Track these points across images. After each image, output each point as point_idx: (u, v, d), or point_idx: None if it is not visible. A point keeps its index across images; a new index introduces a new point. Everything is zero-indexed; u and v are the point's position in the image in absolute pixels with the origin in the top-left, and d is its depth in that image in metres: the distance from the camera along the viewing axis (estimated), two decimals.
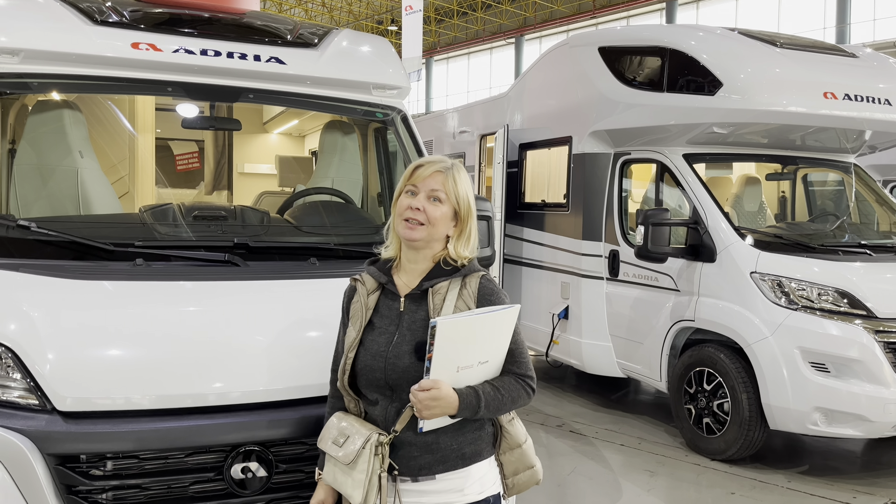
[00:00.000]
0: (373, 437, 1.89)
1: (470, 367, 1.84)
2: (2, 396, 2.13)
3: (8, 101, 3.33)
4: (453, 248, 2.00)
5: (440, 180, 1.97)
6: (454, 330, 1.76)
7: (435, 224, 1.96)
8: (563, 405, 6.58)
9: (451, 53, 36.18)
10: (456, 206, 1.99)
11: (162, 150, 5.40)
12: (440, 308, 1.93)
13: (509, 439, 2.09)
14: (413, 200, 1.96)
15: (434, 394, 1.78)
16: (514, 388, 1.95)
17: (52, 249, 2.57)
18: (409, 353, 1.92)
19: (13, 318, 2.20)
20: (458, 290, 1.97)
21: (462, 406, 1.83)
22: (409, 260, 2.02)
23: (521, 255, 7.27)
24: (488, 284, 2.01)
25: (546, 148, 7.02)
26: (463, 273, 1.99)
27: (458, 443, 1.94)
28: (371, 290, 2.04)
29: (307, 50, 3.52)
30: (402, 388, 1.91)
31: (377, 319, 2.01)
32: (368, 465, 1.86)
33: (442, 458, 1.92)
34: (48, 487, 2.02)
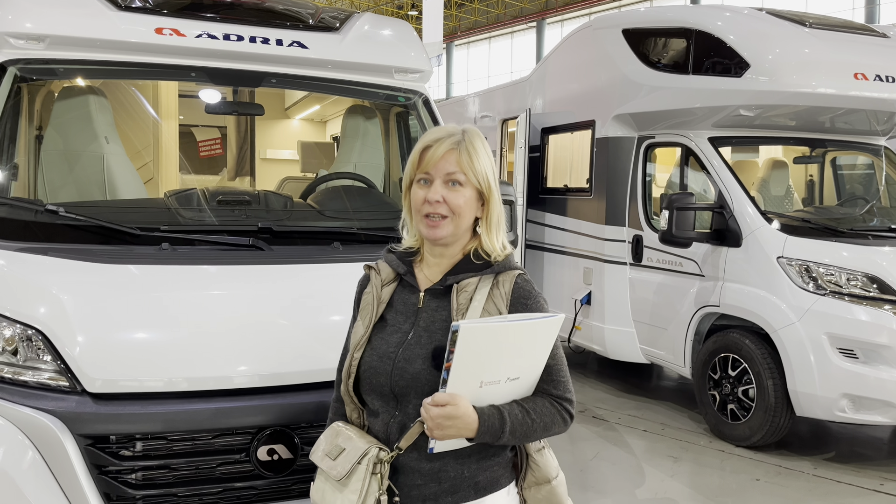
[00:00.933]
0: (371, 451, 1.60)
1: (496, 384, 1.54)
2: (33, 378, 2.16)
3: (34, 87, 3.37)
4: (486, 238, 1.70)
5: (454, 159, 1.64)
6: (481, 338, 1.48)
7: (460, 213, 1.65)
8: (586, 391, 6.56)
9: (471, 38, 35.95)
10: (478, 185, 1.66)
11: (185, 136, 5.43)
12: (465, 309, 1.63)
13: (537, 472, 1.73)
14: (429, 192, 1.64)
15: (450, 411, 1.48)
16: (549, 412, 1.63)
17: (80, 234, 2.60)
18: (422, 358, 1.62)
19: (43, 301, 2.23)
20: (488, 289, 1.66)
21: (482, 429, 1.52)
22: (434, 254, 1.73)
23: (543, 240, 7.24)
24: (525, 286, 1.69)
25: (569, 132, 6.97)
26: (496, 270, 1.68)
27: (470, 470, 1.62)
28: (386, 280, 1.75)
29: (329, 34, 3.51)
30: (408, 398, 1.62)
31: (390, 315, 1.72)
32: (363, 485, 1.57)
33: (451, 488, 1.60)
34: (79, 467, 2.05)
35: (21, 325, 2.19)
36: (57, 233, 2.58)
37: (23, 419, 2.07)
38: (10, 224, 2.59)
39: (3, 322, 2.20)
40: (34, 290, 2.28)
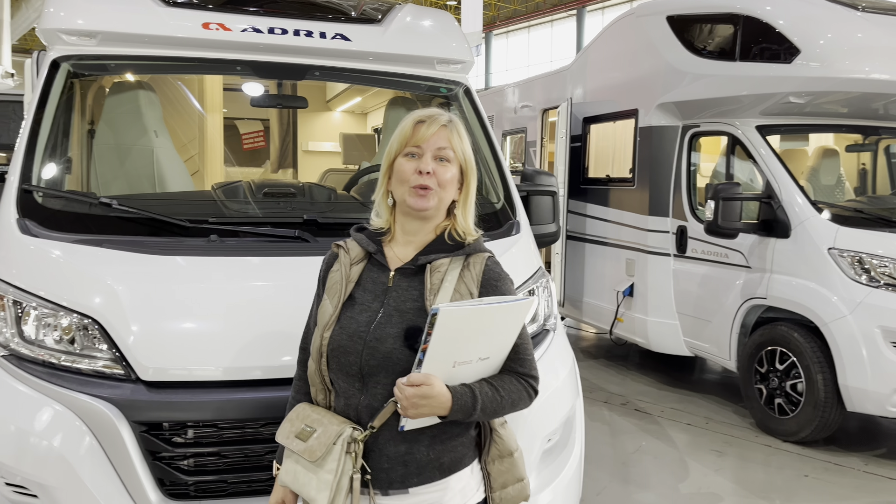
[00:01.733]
0: (346, 431, 1.60)
1: (468, 363, 1.59)
2: (88, 366, 2.23)
3: (86, 82, 3.45)
4: (461, 219, 1.74)
5: (446, 136, 1.69)
6: (459, 320, 1.51)
7: (446, 188, 1.69)
8: (627, 383, 6.50)
9: (510, 27, 35.70)
10: (463, 164, 1.72)
11: (229, 129, 5.52)
12: (437, 289, 1.65)
13: (500, 445, 1.77)
14: (420, 163, 1.66)
15: (425, 390, 1.51)
16: (516, 389, 1.67)
17: (131, 225, 2.65)
18: (393, 337, 1.63)
19: (98, 291, 2.29)
20: (458, 270, 1.69)
21: (455, 407, 1.55)
22: (408, 231, 1.74)
23: (585, 231, 7.17)
24: (495, 268, 1.74)
25: (611, 121, 6.88)
26: (467, 251, 1.72)
27: (436, 452, 1.65)
28: (355, 259, 1.75)
29: (371, 26, 3.53)
30: (377, 378, 1.63)
31: (359, 294, 1.71)
32: (338, 465, 1.57)
33: (416, 469, 1.64)
34: (135, 453, 2.11)
35: (78, 314, 2.26)
36: (110, 225, 2.64)
37: (80, 406, 2.13)
38: (65, 216, 2.66)
39: (61, 311, 2.27)
40: (90, 280, 2.34)
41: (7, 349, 2.28)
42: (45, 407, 2.15)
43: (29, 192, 2.67)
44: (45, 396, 2.17)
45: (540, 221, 3.48)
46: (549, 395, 2.65)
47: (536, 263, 3.02)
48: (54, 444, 2.10)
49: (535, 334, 2.78)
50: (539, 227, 3.45)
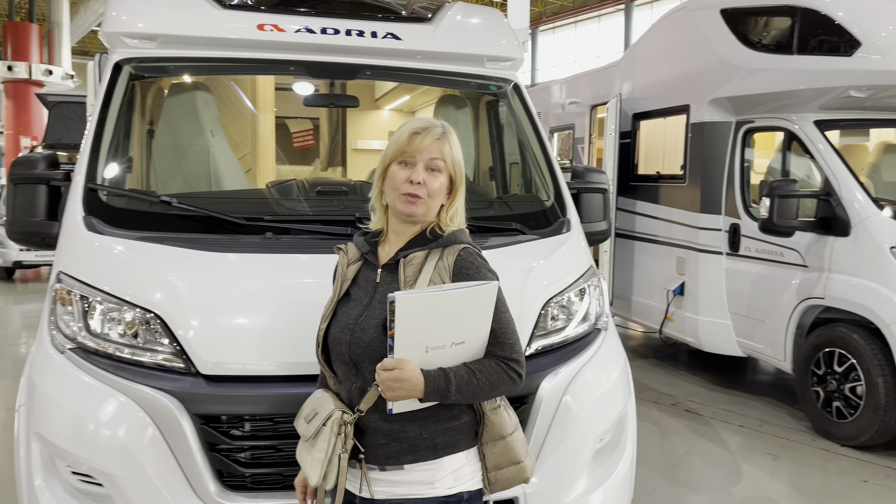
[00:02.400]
0: (336, 414, 1.75)
1: (442, 348, 1.65)
2: (151, 359, 2.30)
3: (146, 84, 3.54)
4: (445, 217, 1.85)
5: (438, 148, 1.80)
6: (416, 306, 1.59)
7: (434, 197, 1.80)
8: (677, 383, 6.40)
9: (557, 23, 35.34)
10: (452, 173, 1.83)
11: (279, 127, 5.60)
12: (413, 281, 1.77)
13: (491, 429, 1.85)
14: (413, 173, 1.77)
15: (397, 374, 1.62)
16: (495, 372, 1.74)
17: (190, 223, 2.72)
18: (374, 327, 1.76)
19: (160, 287, 2.36)
20: (435, 262, 1.79)
21: (429, 389, 1.64)
22: (396, 231, 1.87)
23: (634, 228, 7.08)
24: (467, 258, 1.80)
25: (661, 117, 6.77)
26: (442, 243, 1.82)
27: (428, 432, 1.75)
28: (352, 259, 1.91)
29: (422, 24, 3.54)
30: (365, 364, 1.76)
31: (354, 291, 1.86)
32: (329, 444, 1.72)
33: (410, 447, 1.74)
34: (195, 445, 2.17)
35: (141, 309, 2.33)
36: (169, 222, 2.71)
37: (143, 397, 2.20)
38: (127, 214, 2.75)
39: (125, 306, 2.35)
40: (152, 276, 2.41)
41: (74, 342, 2.37)
42: (111, 398, 2.22)
43: (94, 190, 2.76)
44: (110, 388, 2.24)
45: (590, 219, 3.45)
46: (601, 394, 2.64)
47: (587, 262, 3.00)
48: (119, 434, 2.17)
49: (586, 333, 2.77)
50: (590, 225, 3.42)
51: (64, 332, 2.40)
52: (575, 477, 2.51)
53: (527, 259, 2.78)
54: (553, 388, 2.48)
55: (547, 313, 2.65)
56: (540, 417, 2.44)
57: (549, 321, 2.66)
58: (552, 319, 2.68)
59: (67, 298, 2.43)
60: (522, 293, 2.58)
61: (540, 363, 2.53)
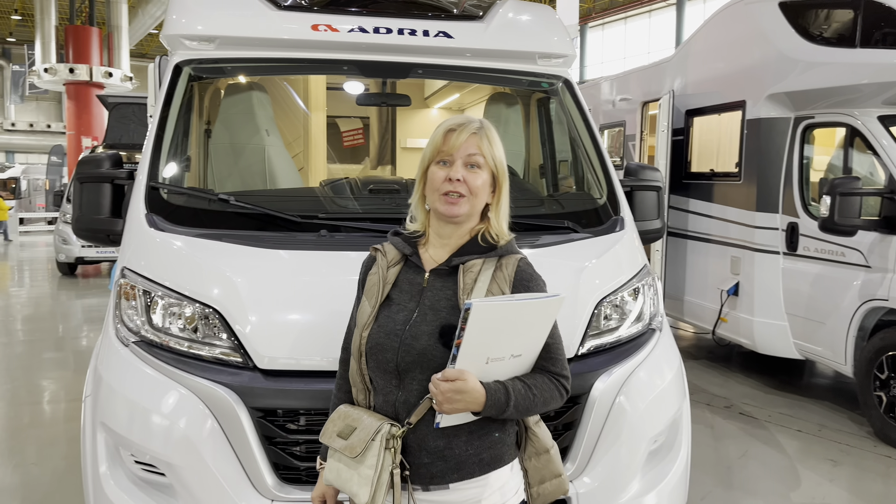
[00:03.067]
0: (384, 427, 1.64)
1: (501, 360, 1.60)
2: (209, 353, 2.35)
3: (204, 84, 3.63)
4: (495, 222, 1.78)
5: (476, 143, 1.72)
6: (491, 315, 1.53)
7: (477, 194, 1.72)
8: (731, 385, 6.26)
9: (606, 19, 34.90)
10: (494, 170, 1.75)
11: (330, 127, 5.68)
12: (471, 289, 1.69)
13: (536, 443, 1.81)
14: (451, 171, 1.71)
15: (459, 385, 1.53)
16: (548, 388, 1.69)
17: (246, 220, 2.77)
18: (428, 335, 1.67)
19: (219, 283, 2.41)
20: (491, 271, 1.73)
21: (489, 403, 1.58)
22: (442, 235, 1.78)
23: (687, 227, 6.95)
24: (527, 269, 1.77)
25: (716, 114, 6.62)
26: (499, 253, 1.76)
27: (474, 447, 1.67)
28: (392, 261, 1.81)
29: (473, 22, 3.54)
30: (413, 374, 1.67)
31: (396, 295, 1.76)
32: (378, 460, 1.61)
33: (456, 465, 1.65)
34: (252, 437, 2.21)
35: (200, 304, 2.39)
36: (227, 220, 2.78)
37: (203, 390, 2.25)
38: (187, 212, 2.82)
39: (185, 301, 2.41)
40: (210, 272, 2.47)
41: (138, 335, 2.44)
42: (172, 390, 2.28)
43: (156, 188, 2.84)
44: (172, 380, 2.30)
45: (644, 217, 3.40)
46: (655, 395, 2.60)
47: (641, 261, 2.96)
48: (180, 425, 2.23)
49: (640, 333, 2.73)
50: (643, 224, 3.37)
51: (128, 326, 2.48)
52: (629, 478, 2.48)
53: (579, 258, 2.76)
54: (606, 389, 2.45)
55: (600, 313, 2.62)
56: (593, 417, 2.42)
57: (602, 321, 2.63)
58: (605, 319, 2.65)
59: (131, 293, 2.51)
60: (575, 292, 2.56)
61: (593, 363, 2.51)
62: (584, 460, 2.42)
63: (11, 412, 5.45)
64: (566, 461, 2.42)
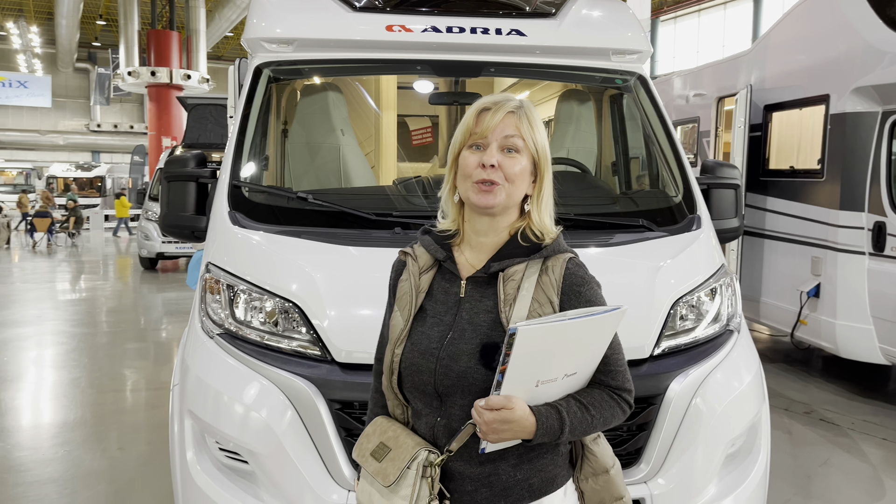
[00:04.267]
0: (421, 454, 1.46)
1: (553, 381, 1.42)
2: (289, 346, 2.43)
3: (282, 86, 3.74)
4: (536, 216, 1.53)
5: (513, 123, 1.48)
6: (539, 339, 1.34)
7: (514, 182, 1.49)
8: (811, 391, 6.03)
9: (679, 12, 34.03)
10: (535, 155, 1.51)
11: (400, 126, 5.75)
12: (513, 299, 1.48)
13: (594, 463, 1.60)
14: (484, 156, 1.48)
15: (505, 415, 1.35)
16: (608, 405, 1.48)
17: (322, 218, 2.85)
18: (467, 355, 1.47)
19: (299, 278, 2.49)
20: (536, 275, 1.50)
21: (540, 431, 1.39)
22: (478, 232, 1.55)
23: (764, 226, 6.73)
24: (577, 271, 1.52)
25: (796, 108, 6.38)
26: (544, 254, 1.51)
27: (523, 472, 1.48)
28: (424, 267, 1.60)
29: (546, 20, 3.53)
30: (453, 398, 1.48)
31: (430, 306, 1.56)
32: (414, 490, 1.44)
33: (503, 492, 1.47)
34: (330, 428, 2.27)
35: (280, 298, 2.46)
36: (304, 217, 2.86)
37: (283, 382, 2.33)
38: (267, 209, 2.92)
39: (265, 296, 2.50)
40: (290, 267, 2.54)
41: (222, 328, 2.54)
42: (254, 381, 2.36)
43: (238, 187, 2.95)
44: (254, 371, 2.39)
45: (721, 216, 3.32)
46: (733, 398, 2.54)
47: (719, 260, 2.89)
48: (262, 415, 2.31)
49: (717, 334, 2.67)
50: (720, 223, 3.29)
51: (212, 319, 2.59)
52: (705, 482, 2.43)
53: (654, 257, 2.72)
54: (682, 390, 2.41)
55: (676, 313, 2.58)
56: (668, 419, 2.38)
57: (678, 321, 2.58)
58: (681, 319, 2.61)
59: (215, 287, 2.61)
60: (650, 292, 2.52)
61: (668, 364, 2.47)
62: (658, 462, 2.38)
63: (98, 399, 5.75)
64: (640, 462, 2.39)
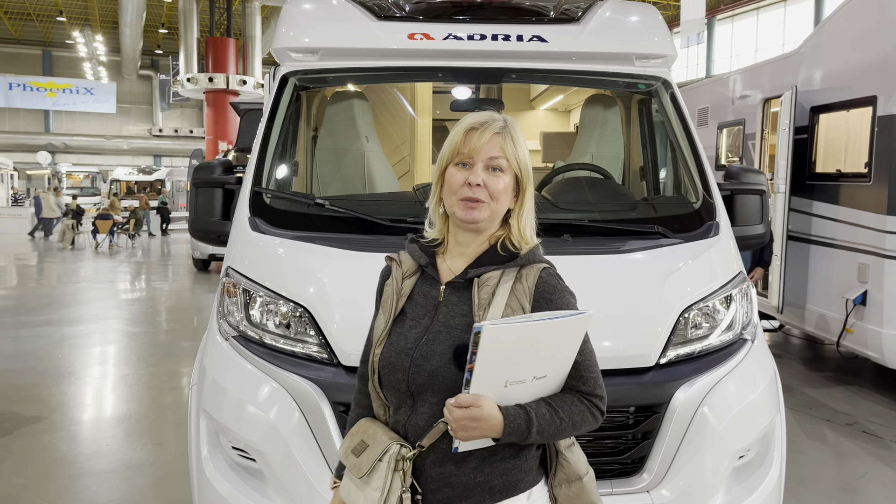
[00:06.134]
0: (392, 447, 1.54)
1: (522, 383, 1.46)
2: (301, 350, 2.49)
3: (310, 94, 3.83)
4: (516, 228, 1.62)
5: (499, 144, 1.57)
6: (504, 338, 1.40)
7: (498, 199, 1.57)
8: (857, 402, 5.83)
9: (736, 10, 33.21)
10: (518, 173, 1.60)
11: (437, 130, 5.81)
12: (487, 304, 1.55)
13: (567, 469, 1.63)
14: (470, 175, 1.56)
15: (473, 413, 1.42)
16: (578, 410, 1.53)
17: (341, 224, 2.91)
18: (440, 355, 1.54)
19: (310, 283, 2.55)
20: (511, 283, 1.57)
21: (508, 430, 1.45)
22: (460, 243, 1.64)
23: (809, 231, 6.54)
24: (550, 280, 1.59)
25: (843, 110, 6.19)
26: (520, 262, 1.59)
27: (484, 475, 1.53)
28: (408, 273, 1.68)
29: (569, 25, 3.52)
30: (424, 396, 1.55)
31: (410, 309, 1.64)
32: (385, 482, 1.51)
33: (464, 492, 1.53)
34: (334, 430, 2.33)
35: (293, 303, 2.54)
36: (323, 223, 2.93)
37: (291, 384, 2.40)
38: (286, 215, 3.00)
39: (280, 300, 2.57)
40: (303, 272, 2.61)
41: (237, 331, 2.63)
42: (264, 384, 2.44)
43: (258, 193, 3.05)
44: (264, 374, 2.46)
45: (746, 222, 3.26)
46: (743, 407, 2.51)
47: (736, 267, 2.85)
48: (270, 416, 2.38)
49: (731, 342, 2.63)
50: (744, 229, 3.24)
51: (229, 322, 2.68)
52: (711, 492, 2.40)
53: (666, 263, 2.69)
54: (688, 399, 2.38)
55: (687, 320, 2.55)
56: (672, 428, 2.36)
57: (689, 329, 2.55)
58: (694, 328, 2.58)
59: (233, 291, 2.71)
60: (658, 299, 2.50)
61: (675, 372, 2.45)
62: (661, 471, 2.36)
63: (147, 395, 5.98)
64: (643, 471, 2.38)
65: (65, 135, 43.11)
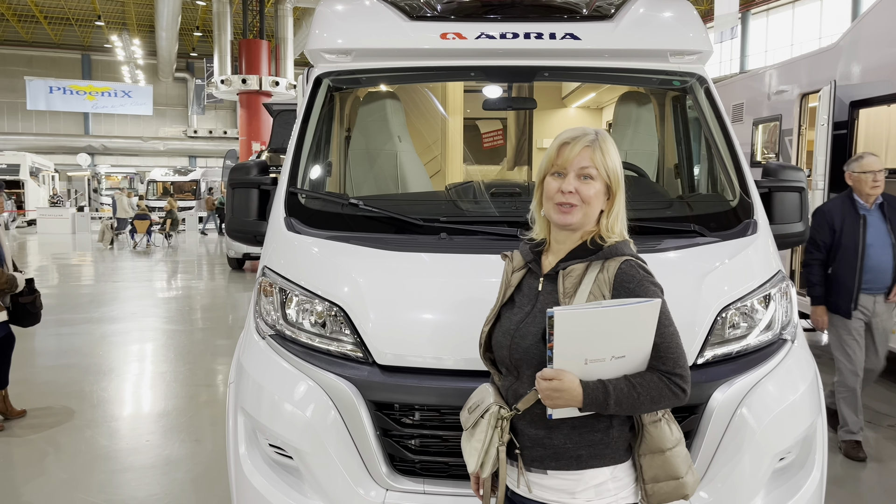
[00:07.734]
0: (493, 408, 1.86)
1: (601, 361, 1.69)
2: (336, 348, 2.52)
3: (344, 94, 3.86)
4: (605, 225, 1.87)
5: (588, 156, 1.82)
6: (574, 321, 1.64)
7: (590, 203, 1.83)
8: None
9: (772, 4, 32.59)
10: (607, 180, 1.85)
11: (469, 129, 5.79)
12: (572, 293, 1.80)
13: (650, 442, 1.85)
14: (563, 183, 1.83)
15: (556, 384, 1.68)
16: (656, 386, 1.73)
17: (375, 223, 2.93)
18: (533, 335, 1.82)
19: (345, 282, 2.58)
20: (595, 273, 1.81)
21: (587, 400, 1.69)
22: (558, 241, 1.92)
23: None
24: (629, 270, 1.80)
25: (885, 104, 6.05)
26: (603, 255, 1.83)
27: (573, 442, 1.80)
28: (517, 267, 1.99)
29: (602, 22, 3.49)
30: (522, 369, 1.85)
31: (518, 297, 1.95)
32: (485, 436, 1.84)
33: (554, 454, 1.80)
34: (370, 429, 2.35)
35: (328, 302, 2.56)
36: (357, 223, 2.95)
37: (327, 382, 2.42)
38: (321, 215, 3.03)
39: (315, 299, 2.60)
40: (338, 272, 2.63)
41: (274, 329, 2.67)
42: (301, 382, 2.47)
43: (294, 193, 3.08)
44: (301, 372, 2.49)
45: (784, 220, 3.21)
46: (783, 409, 2.46)
47: (775, 266, 2.80)
48: (306, 414, 2.41)
49: (769, 343, 2.59)
50: (783, 227, 3.18)
51: (265, 321, 2.72)
52: (750, 494, 2.36)
53: (703, 263, 2.66)
54: (726, 400, 2.35)
55: (725, 320, 2.51)
56: (710, 429, 2.33)
57: (726, 329, 2.52)
58: (731, 327, 2.54)
59: (269, 290, 2.74)
60: (695, 299, 2.47)
61: (714, 373, 2.42)
62: (699, 473, 2.34)
63: (184, 392, 6.09)
64: None
65: (103, 137, 44.02)
